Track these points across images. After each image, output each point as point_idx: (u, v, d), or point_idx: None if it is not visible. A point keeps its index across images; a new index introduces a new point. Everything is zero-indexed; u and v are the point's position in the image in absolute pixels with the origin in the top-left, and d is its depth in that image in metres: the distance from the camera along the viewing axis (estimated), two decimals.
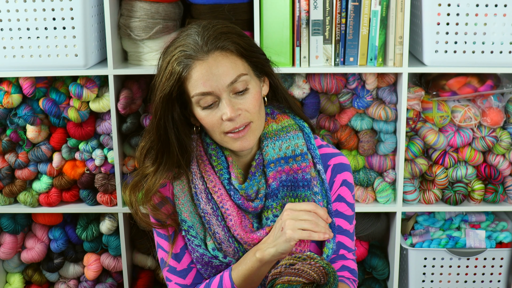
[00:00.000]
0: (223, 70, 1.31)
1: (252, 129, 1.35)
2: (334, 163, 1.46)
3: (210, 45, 1.31)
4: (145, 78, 2.19)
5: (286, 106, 1.51)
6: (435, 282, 2.21)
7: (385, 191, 2.15)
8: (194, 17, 2.09)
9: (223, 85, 1.31)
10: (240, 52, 1.34)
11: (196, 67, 1.31)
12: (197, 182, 1.40)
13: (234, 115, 1.31)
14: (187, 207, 1.41)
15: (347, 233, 1.46)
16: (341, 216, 1.46)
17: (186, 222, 1.40)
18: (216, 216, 1.39)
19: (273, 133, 1.43)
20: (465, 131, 2.10)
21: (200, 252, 1.39)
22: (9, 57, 1.99)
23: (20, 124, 2.08)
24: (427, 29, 1.97)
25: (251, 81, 1.35)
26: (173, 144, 1.38)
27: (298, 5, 1.99)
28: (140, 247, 2.27)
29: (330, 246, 1.39)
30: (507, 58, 1.98)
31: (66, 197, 2.18)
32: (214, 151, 1.42)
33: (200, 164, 1.42)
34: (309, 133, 1.46)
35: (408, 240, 2.20)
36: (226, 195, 1.39)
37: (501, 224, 2.21)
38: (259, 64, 1.40)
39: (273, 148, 1.41)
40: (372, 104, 2.10)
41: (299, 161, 1.41)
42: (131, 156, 2.15)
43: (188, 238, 1.40)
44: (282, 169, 1.40)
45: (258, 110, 1.35)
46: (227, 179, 1.40)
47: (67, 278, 2.33)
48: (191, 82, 1.32)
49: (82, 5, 1.93)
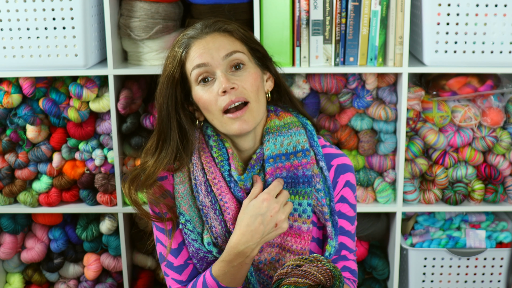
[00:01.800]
0: (219, 44, 1.35)
1: (250, 109, 1.34)
2: (337, 164, 1.45)
3: (210, 28, 1.37)
4: (145, 78, 2.19)
5: (290, 105, 1.51)
6: (435, 282, 2.21)
7: (385, 191, 2.15)
8: (194, 17, 2.09)
9: (218, 57, 1.33)
10: (240, 36, 1.38)
11: (195, 45, 1.36)
12: (197, 173, 1.39)
13: (228, 85, 1.31)
14: (186, 200, 1.40)
15: (349, 234, 1.46)
16: (343, 217, 1.45)
17: (184, 216, 1.39)
18: (214, 209, 1.38)
19: (275, 128, 1.42)
20: (465, 131, 2.10)
21: (196, 246, 1.38)
22: (9, 57, 1.99)
23: (20, 124, 2.08)
24: (427, 29, 1.97)
25: (248, 63, 1.37)
26: (174, 130, 1.38)
27: (298, 5, 1.99)
28: (140, 247, 2.27)
29: (333, 244, 1.39)
30: (507, 58, 1.98)
31: (66, 197, 2.18)
32: (215, 142, 1.41)
33: (202, 156, 1.41)
34: (312, 131, 1.45)
35: (408, 240, 2.20)
36: (226, 188, 1.38)
37: (501, 224, 2.21)
38: (260, 54, 1.41)
39: (274, 143, 1.40)
40: (372, 104, 2.10)
41: (300, 157, 1.39)
42: (131, 156, 2.15)
43: (185, 231, 1.39)
44: (282, 165, 1.39)
45: (255, 91, 1.35)
46: (227, 170, 1.39)
47: (67, 278, 2.33)
48: (189, 59, 1.36)
49: (82, 5, 1.93)
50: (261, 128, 1.43)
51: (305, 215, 1.38)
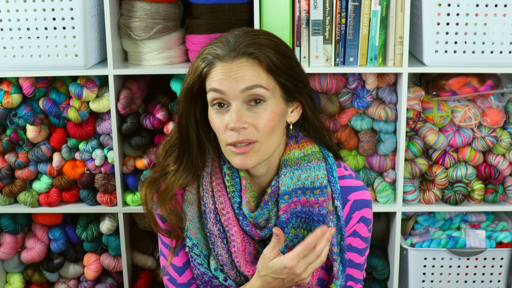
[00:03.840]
0: (241, 74, 1.23)
1: (255, 149, 1.26)
2: (354, 199, 1.38)
3: (239, 51, 1.24)
4: (145, 78, 2.19)
5: (314, 134, 1.42)
6: (435, 282, 2.21)
7: (385, 191, 2.15)
8: (194, 17, 2.09)
9: (237, 89, 1.23)
10: (269, 67, 1.25)
11: (218, 66, 1.25)
12: (207, 200, 1.34)
13: (237, 125, 1.23)
14: (195, 223, 1.36)
15: (358, 266, 1.42)
16: (353, 250, 1.40)
17: (191, 240, 1.36)
18: (221, 238, 1.34)
19: (294, 161, 1.34)
20: (465, 131, 2.10)
21: (202, 270, 1.36)
22: (9, 57, 1.99)
23: (20, 124, 2.08)
24: (427, 29, 1.97)
25: (270, 98, 1.26)
26: (193, 145, 1.33)
27: (298, 5, 1.99)
28: (140, 247, 2.27)
29: (338, 283, 1.35)
30: (507, 58, 1.98)
31: (66, 197, 2.18)
32: (229, 170, 1.35)
33: (213, 181, 1.35)
34: (332, 165, 1.37)
35: (408, 240, 2.20)
36: (234, 219, 1.33)
37: (501, 224, 2.21)
38: (289, 87, 1.29)
39: (291, 177, 1.33)
40: (372, 104, 2.10)
41: (317, 194, 1.32)
42: (131, 156, 2.15)
43: (191, 255, 1.36)
44: (298, 200, 1.32)
45: (268, 132, 1.26)
46: (237, 202, 1.33)
47: (67, 278, 2.33)
48: (209, 79, 1.27)
49: (82, 5, 1.93)
50: (278, 157, 1.35)
51: None
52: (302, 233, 1.33)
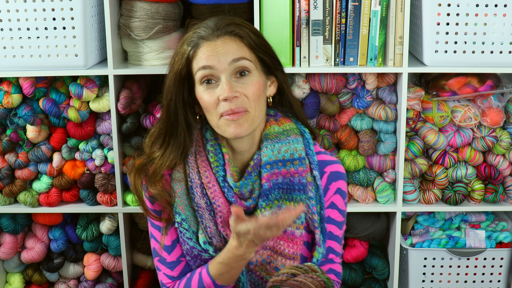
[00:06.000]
0: (227, 49, 1.35)
1: (247, 117, 1.36)
2: (330, 171, 1.48)
3: (221, 30, 1.37)
4: (145, 78, 2.19)
5: (290, 111, 1.53)
6: (435, 282, 2.21)
7: (385, 191, 2.15)
8: (194, 17, 2.09)
9: (225, 62, 1.34)
10: (249, 43, 1.38)
11: (204, 46, 1.37)
12: (193, 176, 1.42)
13: (230, 95, 1.33)
14: (183, 199, 1.43)
15: (337, 238, 1.50)
16: (332, 222, 1.48)
17: (180, 215, 1.42)
18: (209, 210, 1.41)
19: (274, 135, 1.44)
20: (465, 131, 2.10)
21: (191, 245, 1.42)
22: (9, 57, 1.99)
23: (20, 124, 2.08)
24: (427, 29, 1.97)
25: (254, 70, 1.38)
26: (181, 125, 1.41)
27: (298, 5, 1.99)
28: (140, 247, 2.27)
29: (320, 250, 1.43)
30: (507, 58, 1.98)
31: (66, 197, 2.18)
32: (212, 147, 1.44)
33: (198, 159, 1.44)
34: (309, 139, 1.48)
35: (408, 240, 2.20)
36: (219, 192, 1.41)
37: (501, 224, 2.21)
38: (267, 62, 1.42)
39: (272, 150, 1.42)
40: (372, 104, 2.10)
41: (297, 165, 1.42)
42: (131, 156, 2.15)
43: (180, 230, 1.43)
44: (279, 172, 1.41)
45: (256, 100, 1.37)
46: (222, 176, 1.42)
47: (67, 278, 2.33)
48: (196, 59, 1.37)
49: (82, 5, 1.93)
50: (259, 132, 1.45)
51: (299, 221, 1.42)
52: (284, 203, 1.41)
